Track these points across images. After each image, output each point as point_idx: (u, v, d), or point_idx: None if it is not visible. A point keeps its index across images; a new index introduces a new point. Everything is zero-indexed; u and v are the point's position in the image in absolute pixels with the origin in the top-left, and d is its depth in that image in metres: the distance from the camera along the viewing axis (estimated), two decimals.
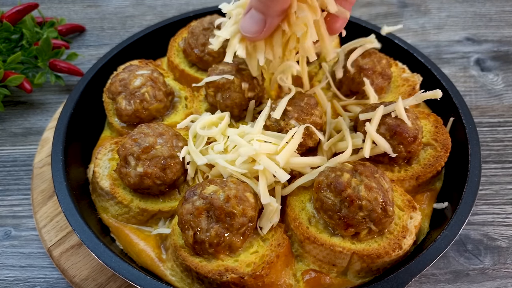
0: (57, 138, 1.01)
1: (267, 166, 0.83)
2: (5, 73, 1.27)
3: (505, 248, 0.99)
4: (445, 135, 1.00)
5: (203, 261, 0.81)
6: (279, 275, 0.82)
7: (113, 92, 1.07)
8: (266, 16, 0.80)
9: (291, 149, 0.86)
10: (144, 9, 1.74)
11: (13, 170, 1.20)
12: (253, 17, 0.81)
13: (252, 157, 0.85)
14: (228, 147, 0.92)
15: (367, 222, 0.79)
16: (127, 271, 0.79)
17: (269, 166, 0.83)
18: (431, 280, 0.94)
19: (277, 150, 0.86)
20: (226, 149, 0.92)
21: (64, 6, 1.77)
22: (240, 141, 0.87)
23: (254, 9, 0.80)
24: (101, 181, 0.95)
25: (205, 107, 1.10)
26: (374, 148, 0.92)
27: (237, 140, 0.88)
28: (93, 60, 1.49)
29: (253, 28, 0.82)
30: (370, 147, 0.90)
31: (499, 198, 1.08)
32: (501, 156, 1.17)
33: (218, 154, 0.90)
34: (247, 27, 0.83)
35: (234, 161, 0.87)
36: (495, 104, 1.31)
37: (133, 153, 0.89)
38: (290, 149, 0.86)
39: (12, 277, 0.98)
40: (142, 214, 0.92)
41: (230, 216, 0.80)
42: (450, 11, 1.67)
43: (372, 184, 0.80)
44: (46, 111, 1.35)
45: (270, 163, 0.84)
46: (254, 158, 0.85)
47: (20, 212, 1.10)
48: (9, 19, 1.37)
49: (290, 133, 0.88)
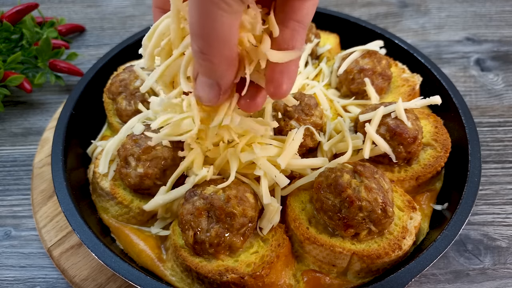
0: (57, 138, 1.01)
1: (267, 171, 0.83)
2: (5, 73, 1.27)
3: (505, 248, 0.99)
4: (445, 136, 1.00)
5: (203, 261, 0.81)
6: (279, 276, 0.82)
7: (113, 92, 1.07)
8: (216, 79, 0.64)
9: (292, 151, 0.86)
10: (144, 9, 1.74)
11: (13, 170, 1.20)
12: (203, 83, 0.65)
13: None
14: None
15: (367, 223, 0.79)
16: (127, 271, 0.79)
17: (270, 170, 0.83)
18: (431, 280, 0.94)
19: (278, 153, 0.86)
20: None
21: (64, 6, 1.76)
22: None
23: (201, 75, 0.64)
24: (101, 182, 0.95)
25: None
26: (374, 149, 0.92)
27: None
28: (93, 60, 1.49)
29: (210, 95, 0.65)
30: (370, 148, 0.90)
31: (499, 198, 1.08)
32: (501, 156, 1.17)
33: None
34: (204, 96, 0.66)
35: None
36: (495, 104, 1.31)
37: (134, 154, 0.89)
38: (291, 152, 0.85)
39: (12, 277, 0.98)
40: (142, 215, 0.92)
41: (230, 216, 0.80)
42: (450, 11, 1.67)
43: (372, 185, 0.80)
44: (46, 111, 1.35)
45: (270, 167, 0.84)
46: (254, 161, 0.85)
47: (20, 212, 1.10)
48: (9, 19, 1.37)
49: (291, 134, 0.88)
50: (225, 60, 0.61)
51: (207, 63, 0.61)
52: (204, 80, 0.64)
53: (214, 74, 0.63)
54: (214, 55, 0.59)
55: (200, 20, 0.56)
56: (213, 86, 0.64)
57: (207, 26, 0.56)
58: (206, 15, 0.55)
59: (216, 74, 0.63)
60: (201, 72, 0.64)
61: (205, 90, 0.65)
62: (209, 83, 0.64)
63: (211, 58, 0.60)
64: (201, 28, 0.57)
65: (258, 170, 0.84)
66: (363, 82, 1.07)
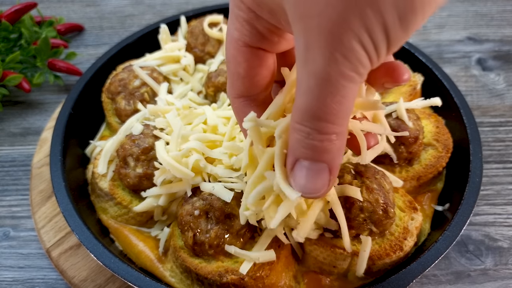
0: (56, 138, 1.00)
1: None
2: (3, 73, 1.27)
3: (506, 248, 0.99)
4: (446, 136, 0.99)
5: (203, 262, 0.81)
6: (279, 277, 0.82)
7: (112, 92, 1.06)
8: (328, 161, 0.54)
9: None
10: (143, 8, 1.74)
11: (11, 170, 1.19)
12: (310, 171, 0.54)
13: None
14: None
15: (368, 224, 0.79)
16: (126, 272, 0.78)
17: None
18: (432, 281, 0.94)
19: None
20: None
21: (63, 5, 1.76)
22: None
23: (306, 160, 0.54)
24: (100, 182, 0.95)
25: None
26: None
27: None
28: (92, 59, 1.49)
29: (318, 184, 0.55)
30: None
31: (501, 198, 1.08)
32: (503, 156, 1.17)
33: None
34: (311, 186, 0.55)
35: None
36: (497, 104, 1.31)
37: (133, 154, 0.89)
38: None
39: (10, 278, 0.97)
40: (141, 215, 0.92)
41: (230, 217, 0.79)
42: (451, 10, 1.66)
43: (373, 186, 0.80)
44: (44, 111, 1.35)
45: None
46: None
47: (19, 213, 1.09)
48: (8, 18, 1.37)
49: None
50: (342, 137, 0.53)
51: (320, 144, 0.52)
52: (310, 167, 0.54)
53: (326, 156, 0.53)
54: (333, 132, 0.51)
55: (322, 96, 0.48)
56: (322, 171, 0.54)
57: (334, 102, 0.48)
58: (334, 90, 0.48)
59: (329, 155, 0.53)
60: (309, 157, 0.53)
61: (313, 178, 0.54)
62: (317, 169, 0.54)
63: (329, 137, 0.51)
64: (324, 106, 0.49)
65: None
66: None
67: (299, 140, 0.53)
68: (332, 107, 0.49)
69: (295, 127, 0.52)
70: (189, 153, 0.84)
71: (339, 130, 0.51)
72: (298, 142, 0.53)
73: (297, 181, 0.55)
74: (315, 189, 0.55)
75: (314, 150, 0.52)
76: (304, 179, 0.54)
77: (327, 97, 0.48)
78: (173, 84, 1.12)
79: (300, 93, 0.50)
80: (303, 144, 0.53)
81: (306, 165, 0.54)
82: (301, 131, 0.52)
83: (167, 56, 1.13)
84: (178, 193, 0.89)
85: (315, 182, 0.54)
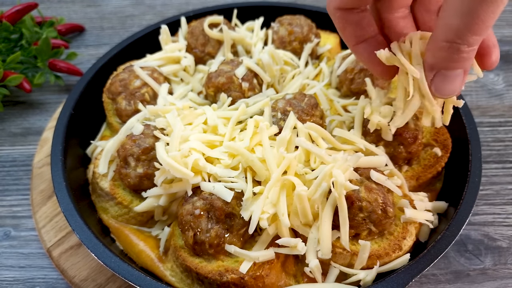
0: (57, 138, 1.00)
1: None
2: (4, 73, 1.27)
3: (505, 248, 0.99)
4: (445, 136, 1.00)
5: (203, 261, 0.81)
6: (279, 276, 0.82)
7: (113, 92, 1.07)
8: (465, 67, 0.67)
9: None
10: (144, 9, 1.74)
11: (12, 170, 1.19)
12: (450, 77, 0.68)
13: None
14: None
15: (367, 223, 0.79)
16: (127, 271, 0.79)
17: None
18: (432, 280, 0.94)
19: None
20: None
21: (64, 5, 1.76)
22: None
23: (448, 70, 0.67)
24: (100, 182, 0.95)
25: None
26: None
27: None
28: (92, 59, 1.49)
29: (455, 87, 0.69)
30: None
31: (500, 198, 1.08)
32: (502, 156, 1.17)
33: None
34: (451, 88, 0.69)
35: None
36: (496, 104, 1.31)
37: (133, 154, 0.89)
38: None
39: (11, 278, 0.98)
40: (142, 215, 0.92)
41: (230, 217, 0.79)
42: None
43: (372, 185, 0.80)
44: (45, 111, 1.35)
45: None
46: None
47: (20, 213, 1.10)
48: (9, 18, 1.37)
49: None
50: (478, 44, 0.64)
51: (467, 55, 0.64)
52: (449, 74, 0.67)
53: (467, 63, 0.65)
54: (478, 43, 0.63)
55: (477, 14, 0.58)
56: (459, 75, 0.67)
57: (489, 17, 0.59)
58: (491, 5, 0.57)
59: (469, 62, 0.66)
60: (451, 67, 0.66)
61: (453, 82, 0.68)
62: (455, 75, 0.67)
63: (475, 47, 0.63)
64: (481, 22, 0.59)
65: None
66: (363, 82, 1.06)
67: (445, 57, 0.65)
68: (487, 22, 0.59)
69: (442, 46, 0.64)
70: (188, 153, 0.85)
71: (481, 39, 0.63)
72: (444, 59, 0.65)
73: (438, 87, 0.69)
74: (454, 90, 0.69)
75: (459, 61, 0.64)
76: (446, 84, 0.68)
77: (483, 13, 0.58)
78: (174, 84, 1.13)
79: (451, 16, 0.60)
80: (450, 59, 0.65)
81: (445, 73, 0.67)
82: (450, 48, 0.63)
83: (168, 56, 1.14)
84: (178, 193, 0.89)
85: (455, 84, 0.68)
